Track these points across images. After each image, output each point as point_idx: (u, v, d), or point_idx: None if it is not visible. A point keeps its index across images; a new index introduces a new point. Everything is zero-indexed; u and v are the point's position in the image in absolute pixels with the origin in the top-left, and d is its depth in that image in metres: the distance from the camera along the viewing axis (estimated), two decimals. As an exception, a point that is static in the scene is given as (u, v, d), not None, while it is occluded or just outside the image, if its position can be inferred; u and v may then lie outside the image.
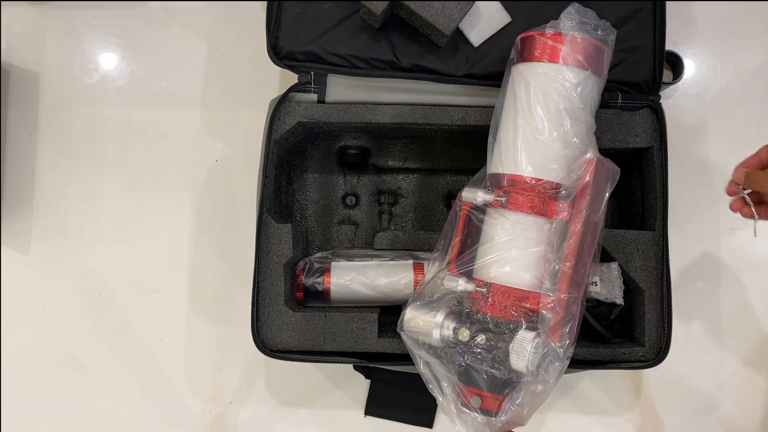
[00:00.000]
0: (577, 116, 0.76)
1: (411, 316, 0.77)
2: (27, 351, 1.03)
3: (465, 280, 0.75)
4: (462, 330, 0.73)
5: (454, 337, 0.73)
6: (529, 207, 0.74)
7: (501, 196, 0.75)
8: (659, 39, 0.90)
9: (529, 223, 0.75)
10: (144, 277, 1.04)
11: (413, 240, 0.96)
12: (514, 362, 0.70)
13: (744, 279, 1.01)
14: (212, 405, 1.02)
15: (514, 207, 0.74)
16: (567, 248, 0.73)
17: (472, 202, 0.77)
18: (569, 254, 0.73)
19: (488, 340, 0.72)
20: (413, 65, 0.90)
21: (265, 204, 0.87)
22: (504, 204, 0.75)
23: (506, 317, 0.73)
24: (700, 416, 1.00)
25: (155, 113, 1.06)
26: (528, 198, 0.74)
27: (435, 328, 0.74)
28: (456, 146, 1.01)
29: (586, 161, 0.75)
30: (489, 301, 0.74)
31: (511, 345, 0.70)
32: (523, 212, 0.75)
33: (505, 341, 0.71)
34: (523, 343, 0.70)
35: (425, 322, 0.76)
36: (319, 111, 0.89)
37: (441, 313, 0.75)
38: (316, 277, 0.90)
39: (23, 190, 1.05)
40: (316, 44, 0.89)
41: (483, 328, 0.73)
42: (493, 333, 0.72)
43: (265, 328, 0.86)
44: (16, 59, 1.06)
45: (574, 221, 0.74)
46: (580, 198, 0.74)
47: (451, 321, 0.74)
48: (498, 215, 0.76)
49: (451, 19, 0.85)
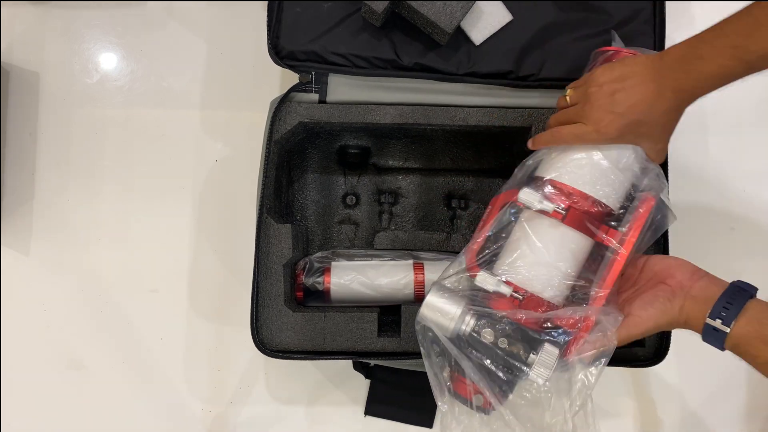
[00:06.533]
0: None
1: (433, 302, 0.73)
2: (27, 351, 1.03)
3: (500, 281, 0.73)
4: (487, 330, 0.71)
5: (471, 333, 0.72)
6: (584, 227, 0.73)
7: (562, 209, 0.73)
8: (659, 39, 0.90)
9: (579, 242, 0.74)
10: (144, 277, 1.04)
11: (413, 240, 0.96)
12: (537, 373, 0.69)
13: (744, 278, 1.01)
14: (212, 405, 1.02)
15: (571, 224, 0.72)
16: (606, 276, 0.72)
17: (529, 206, 0.74)
18: (608, 282, 0.72)
19: (509, 345, 0.70)
20: (414, 64, 0.90)
21: (265, 204, 0.87)
22: (563, 218, 0.72)
23: (532, 326, 0.71)
24: (700, 416, 1.00)
25: (155, 113, 1.06)
26: (586, 218, 0.73)
27: (452, 321, 0.72)
28: (457, 146, 1.01)
29: (648, 198, 0.74)
30: (520, 307, 0.72)
31: (537, 356, 0.69)
32: (577, 230, 0.73)
33: (520, 348, 0.70)
34: (550, 357, 0.69)
35: (445, 314, 0.72)
36: (320, 111, 0.89)
37: (462, 307, 0.72)
38: (316, 277, 0.90)
39: (23, 190, 1.05)
40: (317, 44, 0.89)
41: (505, 332, 0.71)
42: (513, 338, 0.70)
43: (265, 328, 0.86)
44: (16, 59, 1.06)
45: (620, 252, 0.72)
46: (633, 232, 0.73)
47: (471, 317, 0.72)
48: (548, 226, 0.74)
49: (452, 17, 0.85)
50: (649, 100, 0.70)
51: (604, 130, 0.72)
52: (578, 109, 0.75)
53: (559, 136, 0.76)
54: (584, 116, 0.73)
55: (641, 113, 0.71)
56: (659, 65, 0.70)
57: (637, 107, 0.71)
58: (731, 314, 0.66)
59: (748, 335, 0.65)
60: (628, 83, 0.71)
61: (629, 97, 0.71)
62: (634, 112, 0.71)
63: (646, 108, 0.70)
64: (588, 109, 0.73)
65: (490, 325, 0.71)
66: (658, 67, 0.70)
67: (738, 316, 0.66)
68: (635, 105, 0.71)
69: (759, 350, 0.65)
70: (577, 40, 0.90)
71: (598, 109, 0.72)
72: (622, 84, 0.71)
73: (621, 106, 0.71)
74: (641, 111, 0.71)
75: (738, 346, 0.66)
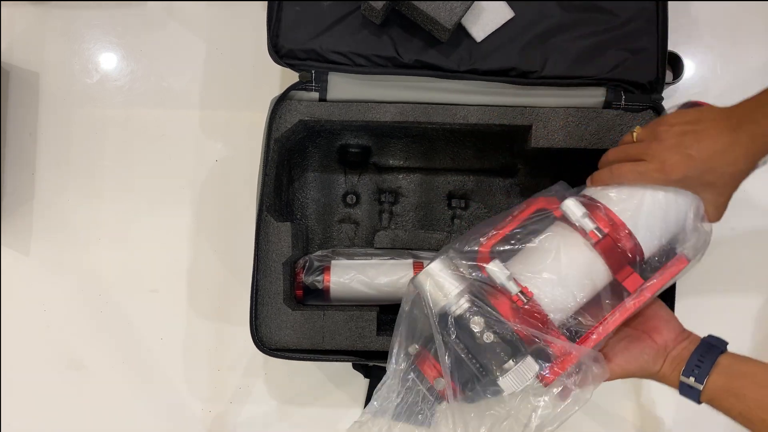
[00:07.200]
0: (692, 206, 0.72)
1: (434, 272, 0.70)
2: (27, 351, 1.03)
3: (511, 276, 0.69)
4: (477, 319, 0.67)
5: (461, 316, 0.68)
6: (612, 260, 0.70)
7: (600, 232, 0.69)
8: (662, 39, 0.90)
9: (601, 273, 0.70)
10: (144, 277, 1.03)
11: (413, 239, 0.96)
12: (507, 382, 0.66)
13: (745, 278, 1.01)
14: (212, 405, 1.02)
15: (601, 251, 0.69)
16: (609, 321, 0.70)
17: (569, 217, 0.71)
18: (608, 327, 0.70)
19: (493, 342, 0.67)
20: (415, 61, 0.89)
21: (265, 202, 0.87)
22: (599, 240, 0.69)
23: (522, 336, 0.68)
24: (700, 416, 1.00)
25: (155, 113, 1.06)
26: (617, 252, 0.69)
27: (446, 298, 0.68)
28: (457, 145, 1.01)
29: (682, 259, 0.72)
30: (519, 311, 0.69)
31: (516, 366, 0.66)
32: (604, 261, 0.70)
33: (502, 350, 0.67)
34: (528, 372, 0.66)
35: (441, 287, 0.69)
36: (320, 109, 0.89)
37: (462, 288, 0.69)
38: (316, 276, 0.90)
39: (23, 190, 1.04)
40: (317, 42, 0.89)
41: (494, 329, 0.67)
42: (499, 338, 0.67)
43: (264, 326, 0.86)
44: (16, 59, 1.06)
45: (634, 298, 0.70)
46: (653, 287, 0.71)
47: (467, 302, 0.68)
48: (579, 245, 0.70)
49: (452, 13, 0.84)
50: (722, 145, 0.66)
51: (669, 170, 0.68)
52: (643, 146, 0.71)
53: (618, 173, 0.71)
54: (649, 154, 0.69)
55: (711, 158, 0.67)
56: (736, 111, 0.67)
57: (707, 150, 0.67)
58: (704, 371, 0.68)
59: (720, 389, 0.67)
60: (701, 126, 0.67)
61: (701, 139, 0.67)
62: (703, 155, 0.67)
63: (718, 153, 0.66)
64: (655, 146, 0.69)
65: (482, 316, 0.68)
66: (734, 114, 0.67)
67: (710, 373, 0.68)
68: (706, 148, 0.67)
69: (731, 403, 0.67)
70: (580, 37, 0.90)
71: (666, 149, 0.68)
72: (695, 126, 0.68)
73: (691, 148, 0.67)
74: (711, 155, 0.67)
75: (713, 400, 0.68)
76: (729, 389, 0.67)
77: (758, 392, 0.65)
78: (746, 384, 0.66)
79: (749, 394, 0.65)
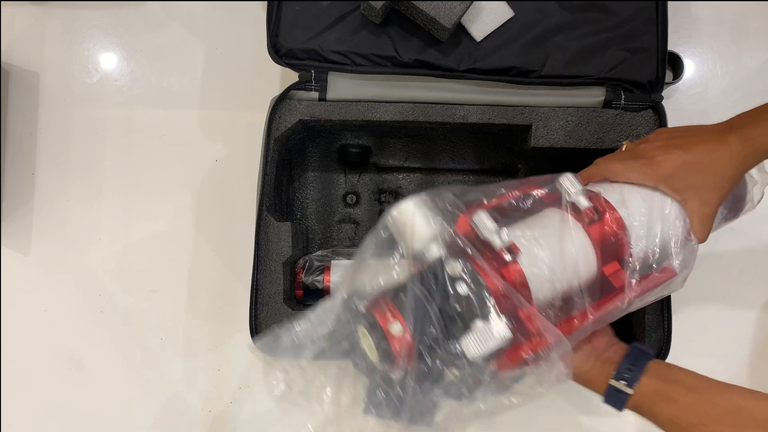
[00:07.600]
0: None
1: (409, 210, 0.62)
2: (27, 351, 1.03)
3: (504, 233, 0.63)
4: (453, 264, 0.60)
5: (436, 261, 0.61)
6: (601, 247, 0.67)
7: (595, 213, 0.68)
8: (662, 38, 0.90)
9: (589, 260, 0.67)
10: (144, 277, 1.03)
11: (413, 239, 0.96)
12: (470, 345, 0.59)
13: (745, 278, 1.01)
14: (212, 405, 1.02)
15: (593, 234, 0.67)
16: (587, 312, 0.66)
17: (566, 192, 0.68)
18: (581, 318, 0.66)
19: (465, 295, 0.59)
20: (414, 60, 0.89)
21: (265, 202, 0.87)
22: (594, 221, 0.68)
23: (495, 298, 0.60)
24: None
25: (155, 113, 1.06)
26: (608, 240, 0.67)
27: (420, 242, 0.61)
28: (457, 145, 1.01)
29: (669, 270, 0.70)
30: (499, 272, 0.62)
31: (481, 326, 0.58)
32: (593, 246, 0.67)
33: (472, 307, 0.59)
34: (493, 337, 0.59)
35: (423, 227, 0.62)
36: (320, 109, 0.89)
37: (443, 230, 0.62)
38: (316, 275, 0.90)
39: (23, 190, 1.05)
40: (316, 42, 0.89)
41: (468, 283, 0.60)
42: (472, 294, 0.59)
43: (264, 325, 0.86)
44: (16, 59, 1.06)
45: (612, 298, 0.68)
46: (639, 287, 0.69)
47: (446, 247, 0.61)
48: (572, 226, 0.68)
49: (452, 12, 0.85)
50: (712, 145, 0.67)
51: (657, 165, 0.69)
52: (631, 148, 0.73)
53: (606, 168, 0.73)
54: (638, 153, 0.71)
55: (700, 154, 0.67)
56: (728, 122, 0.68)
57: (697, 147, 0.68)
58: (635, 375, 0.67)
59: (653, 393, 0.67)
60: (692, 133, 0.70)
61: (691, 143, 0.68)
62: (691, 153, 0.68)
63: (709, 152, 0.67)
64: (643, 146, 0.71)
65: (460, 264, 0.60)
66: (726, 123, 0.68)
67: (640, 377, 0.67)
68: (696, 144, 0.68)
69: (660, 408, 0.66)
70: (579, 37, 0.90)
71: (655, 147, 0.70)
72: (686, 133, 0.70)
73: (680, 147, 0.68)
74: (701, 152, 0.67)
75: (641, 405, 0.68)
76: (661, 393, 0.66)
77: (688, 396, 0.65)
78: (677, 389, 0.66)
79: (680, 399, 0.65)
